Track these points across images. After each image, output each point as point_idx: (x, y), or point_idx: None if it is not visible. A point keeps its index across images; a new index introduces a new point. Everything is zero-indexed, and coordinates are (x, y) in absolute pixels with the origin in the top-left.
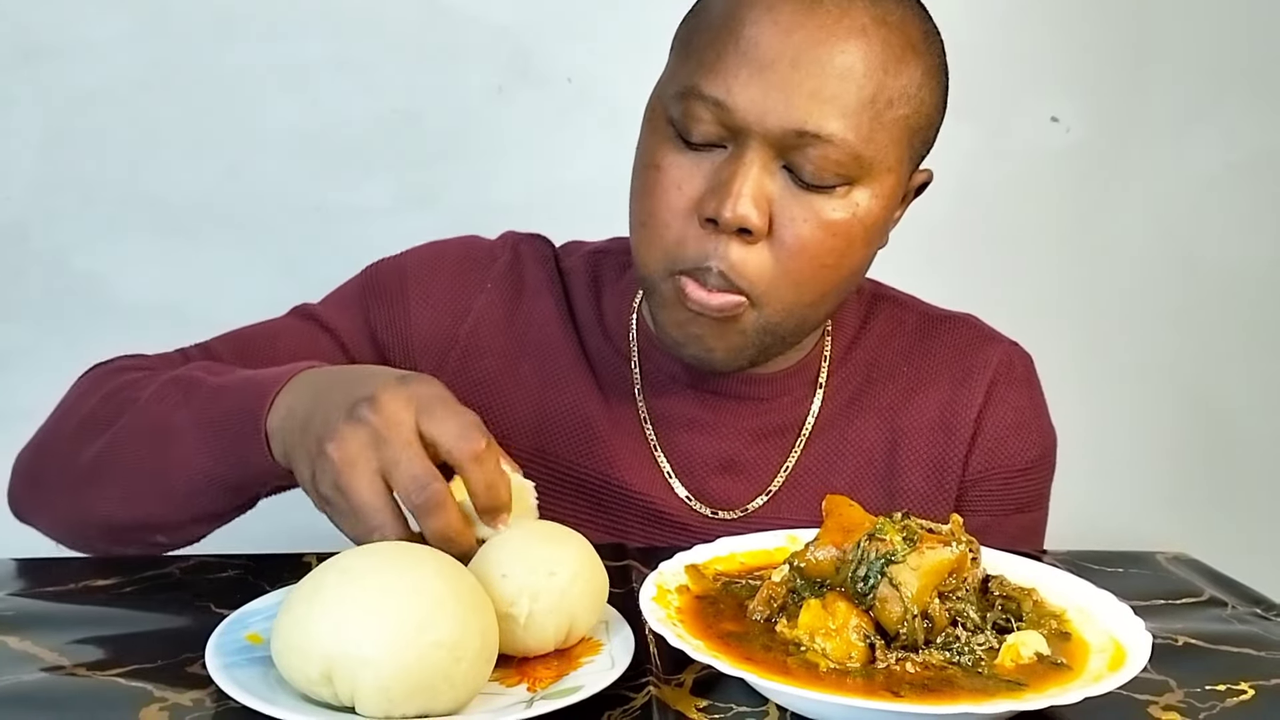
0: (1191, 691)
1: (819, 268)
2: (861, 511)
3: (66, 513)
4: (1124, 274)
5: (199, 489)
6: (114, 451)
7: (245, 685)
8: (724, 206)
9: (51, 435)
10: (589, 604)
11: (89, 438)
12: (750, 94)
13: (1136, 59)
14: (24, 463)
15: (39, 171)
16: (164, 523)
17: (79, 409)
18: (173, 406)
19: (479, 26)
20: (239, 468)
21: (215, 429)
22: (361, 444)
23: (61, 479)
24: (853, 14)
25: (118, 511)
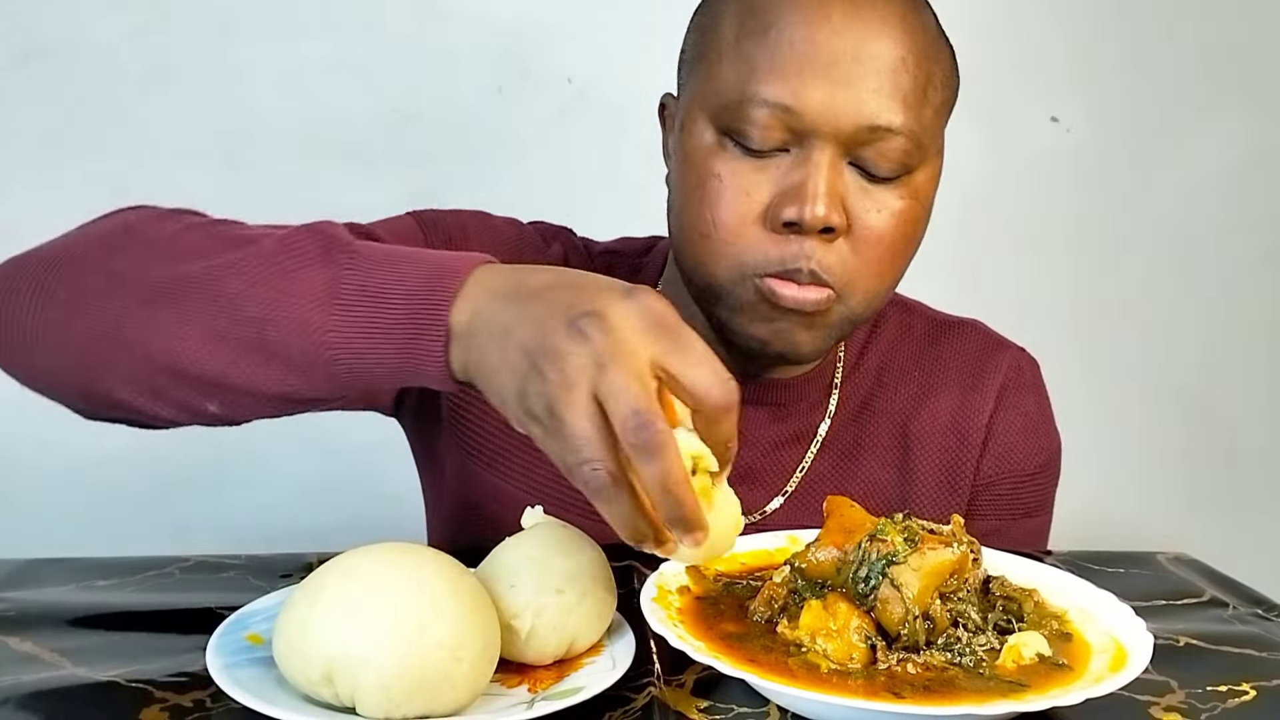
0: (1193, 692)
1: (894, 254)
2: (863, 512)
3: (92, 332)
4: (1124, 274)
5: (310, 364)
6: (212, 285)
7: (246, 685)
8: (805, 210)
9: (95, 246)
10: (593, 624)
11: (166, 260)
12: (818, 95)
13: (1137, 59)
14: (21, 270)
15: (39, 171)
16: (236, 385)
17: (145, 230)
18: (308, 259)
19: (479, 27)
20: (381, 356)
21: (368, 306)
22: (581, 364)
23: (107, 293)
24: (890, 4)
25: (184, 351)
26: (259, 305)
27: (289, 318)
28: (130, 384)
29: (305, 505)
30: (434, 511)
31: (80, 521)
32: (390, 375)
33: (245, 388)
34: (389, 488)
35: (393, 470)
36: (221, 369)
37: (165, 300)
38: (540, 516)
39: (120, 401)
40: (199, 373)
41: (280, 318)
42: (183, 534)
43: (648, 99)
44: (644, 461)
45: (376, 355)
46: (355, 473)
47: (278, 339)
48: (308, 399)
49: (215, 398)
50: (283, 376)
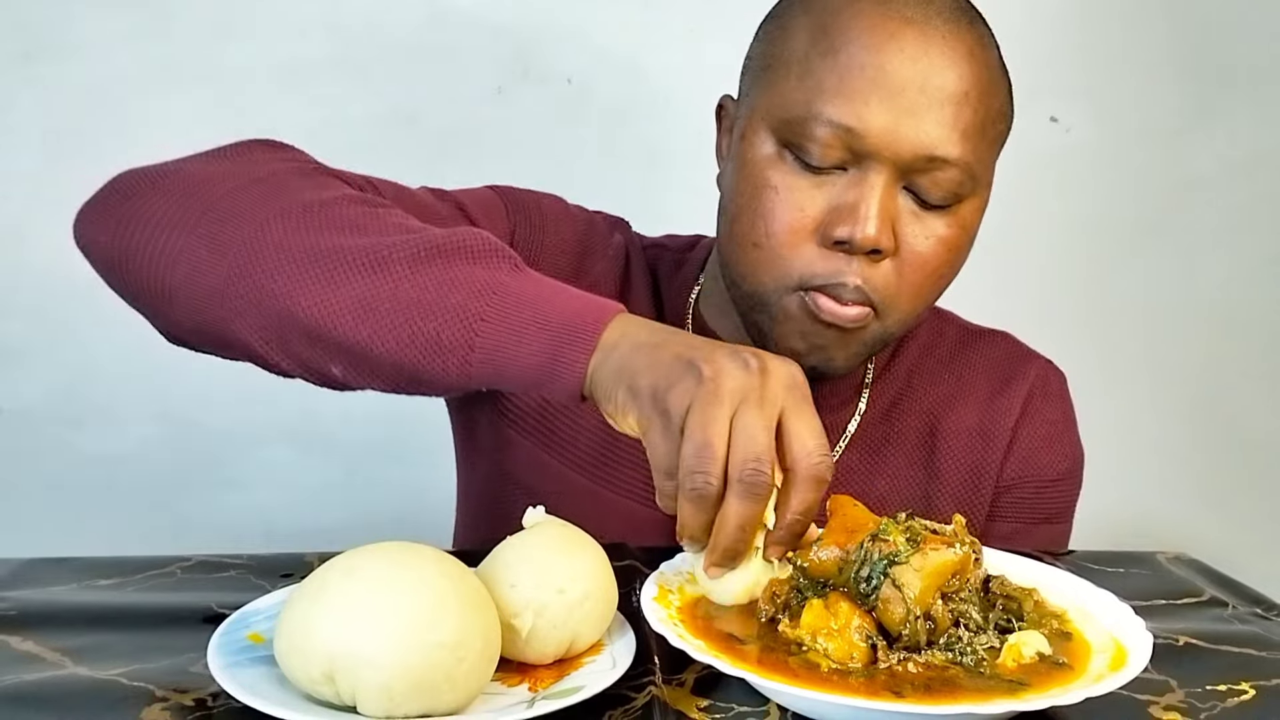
0: (1192, 691)
1: (936, 279)
2: (866, 511)
3: (234, 275)
4: (1124, 273)
5: (453, 348)
6: (376, 260)
7: (247, 685)
8: (857, 230)
9: (245, 191)
10: (594, 624)
11: (323, 228)
12: (882, 120)
13: (1136, 59)
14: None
15: (39, 171)
16: (372, 356)
17: (298, 188)
18: (478, 256)
19: (479, 26)
20: (525, 356)
21: (526, 308)
22: (736, 388)
23: (258, 245)
24: (961, 37)
25: (330, 315)
26: (421, 288)
27: (447, 304)
28: (259, 331)
29: (305, 505)
30: (468, 485)
31: (80, 521)
32: (521, 376)
33: (380, 359)
34: (390, 487)
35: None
36: (364, 339)
37: (319, 263)
38: (541, 516)
39: (242, 343)
40: (339, 338)
41: (440, 303)
42: (183, 534)
43: (648, 99)
44: (740, 499)
45: (521, 354)
46: (355, 473)
47: (431, 323)
48: (429, 382)
49: (344, 363)
50: (421, 357)
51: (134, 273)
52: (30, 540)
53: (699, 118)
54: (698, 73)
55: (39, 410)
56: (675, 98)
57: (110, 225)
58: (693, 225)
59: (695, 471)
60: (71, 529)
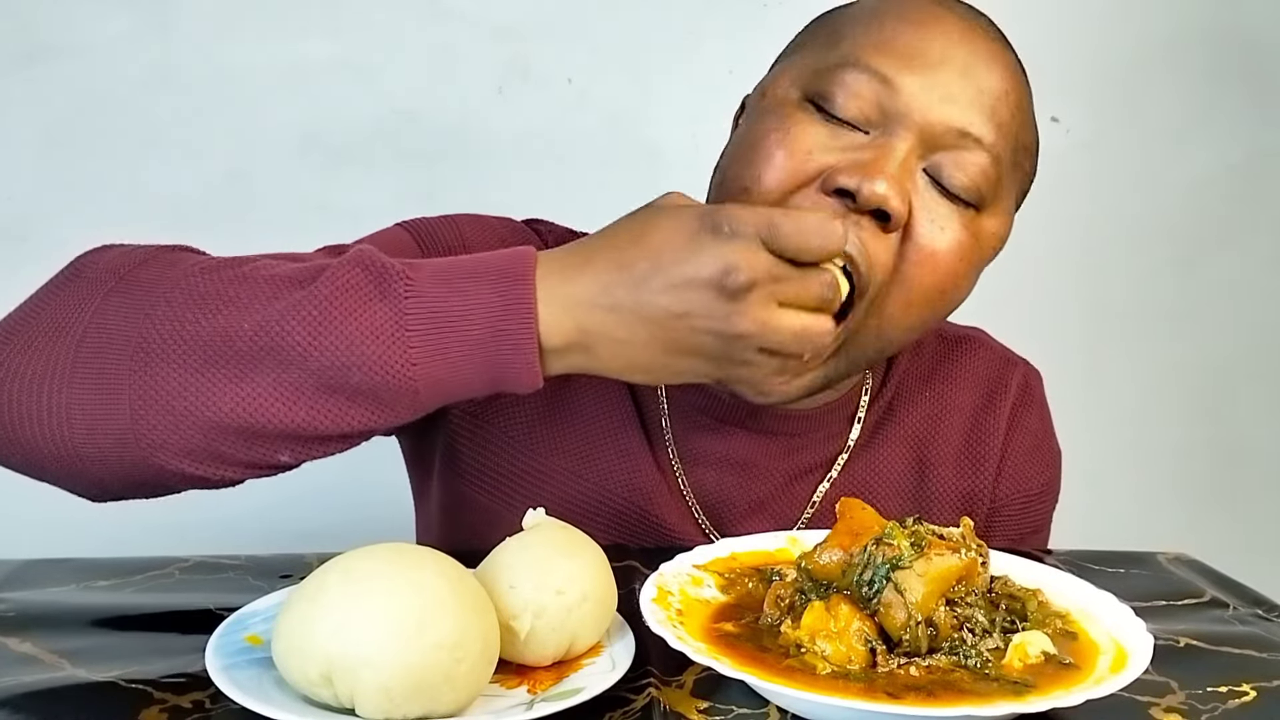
0: (1193, 693)
1: (934, 289)
2: (874, 515)
3: (136, 409)
4: (1124, 273)
5: (397, 398)
6: (273, 340)
7: (245, 686)
8: (866, 182)
9: (105, 312)
10: (593, 625)
11: (200, 317)
12: (918, 84)
13: (1136, 60)
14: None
15: (39, 171)
16: (318, 432)
17: (151, 284)
18: (366, 296)
19: (479, 26)
20: (469, 377)
21: (444, 332)
22: (761, 303)
23: (145, 365)
24: (1006, 55)
25: (257, 410)
26: (332, 353)
27: (370, 359)
28: (188, 454)
29: (305, 505)
30: (424, 530)
31: (80, 521)
32: (480, 389)
33: (329, 432)
34: (389, 489)
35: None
36: (303, 420)
37: (219, 361)
38: (541, 517)
39: (174, 473)
40: (275, 428)
41: (360, 362)
42: (183, 534)
43: (648, 99)
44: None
45: (464, 376)
46: (355, 473)
47: (363, 381)
48: (386, 428)
49: (289, 449)
50: (370, 414)
51: (26, 445)
52: (29, 540)
53: (699, 118)
54: (698, 73)
55: None
56: (675, 98)
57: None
58: None
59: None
60: (70, 529)
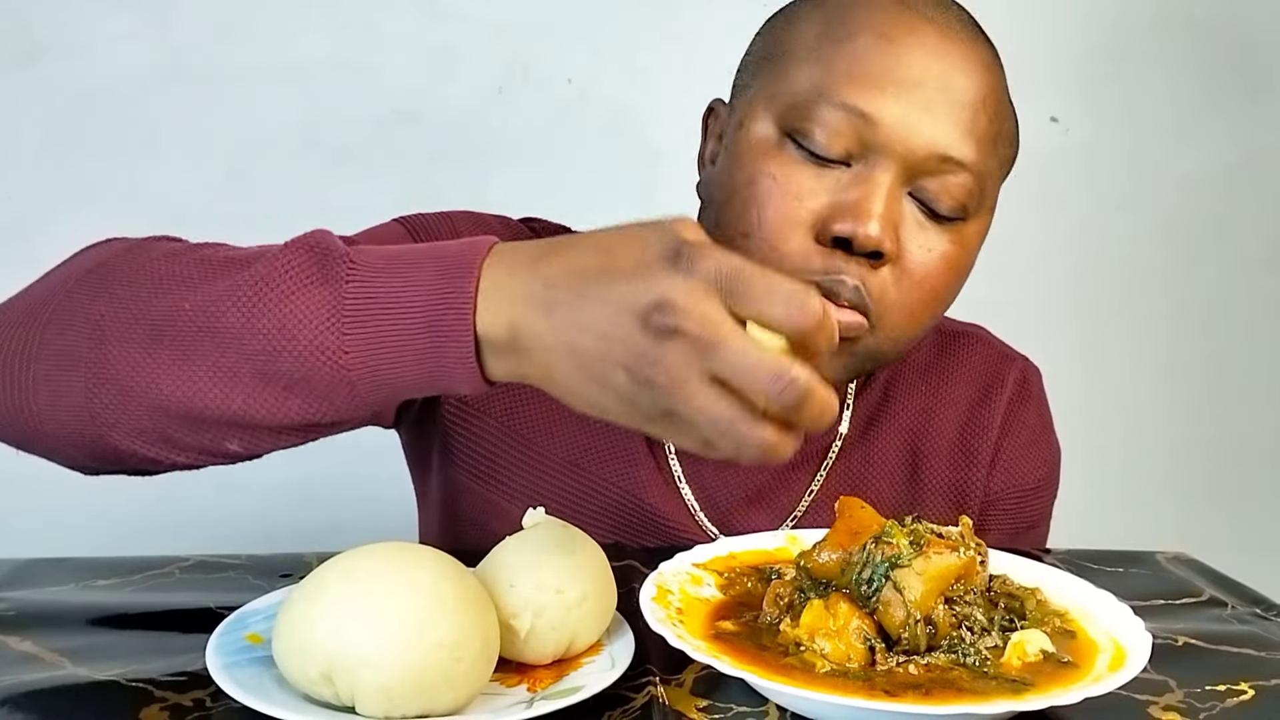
0: (1191, 692)
1: (932, 299)
2: (873, 514)
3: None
4: (1124, 274)
5: (332, 388)
6: (210, 320)
7: (245, 685)
8: (860, 228)
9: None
10: (592, 624)
11: (152, 296)
12: (897, 110)
13: (1136, 59)
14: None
15: (39, 171)
16: (257, 421)
17: (120, 267)
18: (306, 279)
19: (479, 26)
20: (405, 370)
21: (381, 319)
22: (682, 360)
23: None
24: (979, 48)
25: (195, 393)
26: (265, 337)
27: (301, 345)
28: (139, 435)
29: (305, 505)
30: (425, 525)
31: (80, 521)
32: (418, 385)
33: (267, 422)
34: (389, 488)
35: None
36: (239, 407)
37: (163, 341)
38: (541, 516)
39: (129, 453)
40: (215, 414)
41: (292, 346)
42: (183, 534)
43: (648, 99)
44: (799, 413)
45: (399, 369)
46: (355, 473)
47: (294, 368)
48: (332, 423)
49: (235, 437)
50: (305, 405)
51: (5, 416)
52: (30, 540)
53: (698, 118)
54: (697, 73)
55: None
56: (675, 98)
57: None
58: None
59: (739, 451)
60: (71, 529)
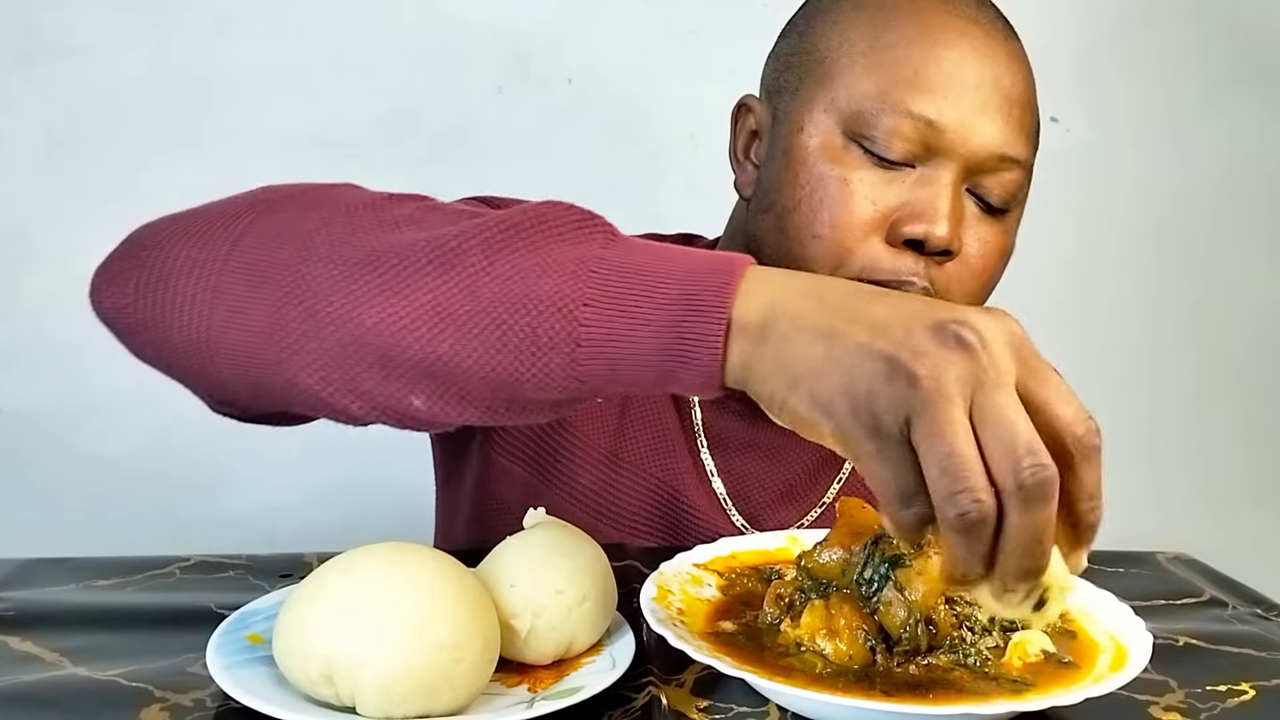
0: (1192, 692)
1: (987, 288)
2: (874, 514)
3: (280, 308)
4: (1124, 274)
5: (555, 345)
6: (444, 257)
7: (246, 685)
8: (933, 229)
9: (276, 209)
10: (593, 625)
11: (374, 226)
12: (959, 115)
13: (1136, 59)
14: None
15: (39, 171)
16: (457, 372)
17: (337, 196)
18: (562, 231)
19: (479, 26)
20: (642, 343)
21: (634, 284)
22: (961, 375)
23: (302, 261)
24: (1016, 46)
25: (401, 329)
26: (501, 280)
27: (539, 292)
28: (320, 369)
29: (305, 505)
30: (451, 508)
31: (80, 521)
32: (641, 368)
33: (469, 375)
34: (390, 487)
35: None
36: (445, 350)
37: (378, 269)
38: (541, 516)
39: (299, 390)
40: (415, 355)
41: (527, 292)
42: (183, 534)
43: (648, 99)
44: (1027, 507)
45: (636, 341)
46: (355, 473)
47: (522, 317)
48: (531, 394)
49: (426, 390)
50: (516, 361)
51: (165, 330)
52: (30, 540)
53: (699, 118)
54: (698, 73)
55: (39, 410)
56: (675, 98)
57: (130, 282)
58: (691, 225)
59: (955, 493)
60: (71, 529)
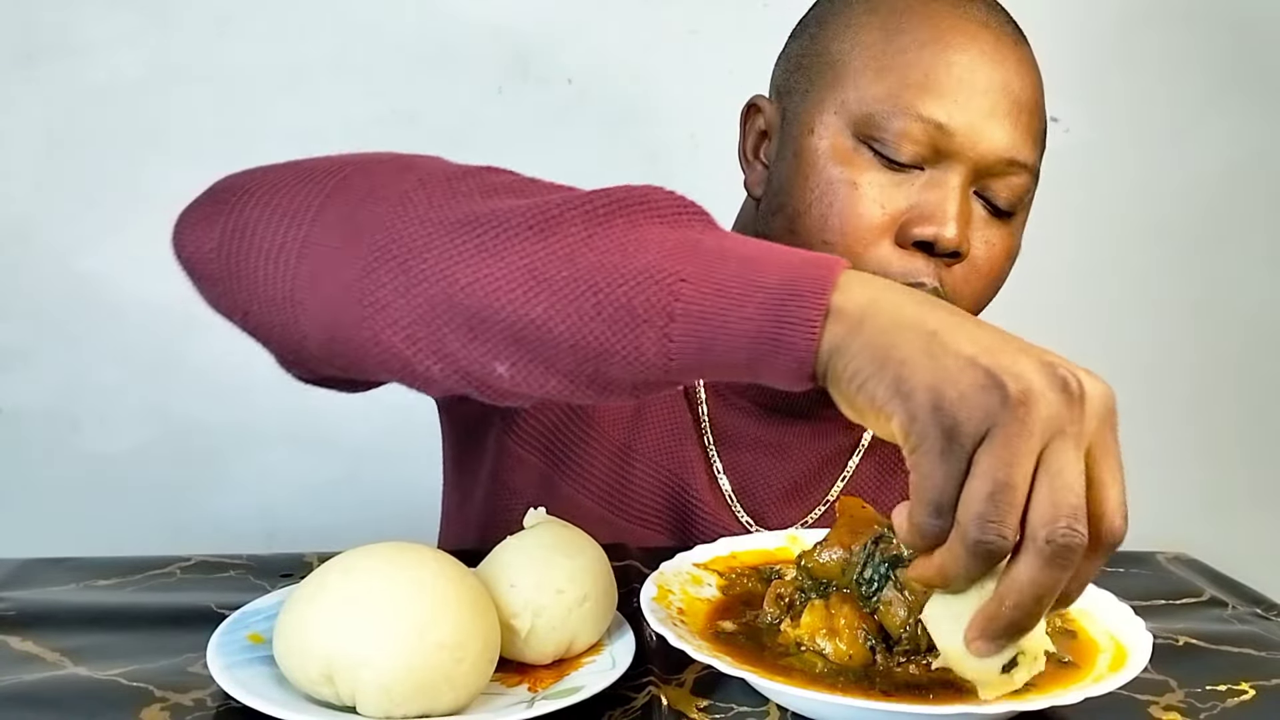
0: (1192, 691)
1: (994, 289)
2: (874, 514)
3: (371, 260)
4: (1124, 274)
5: (649, 318)
6: (544, 223)
7: (247, 685)
8: (942, 231)
9: (371, 165)
10: (593, 625)
11: (474, 192)
12: (970, 118)
13: (1136, 59)
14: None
15: (39, 171)
16: (547, 339)
17: (431, 161)
18: (662, 212)
19: (479, 26)
20: (738, 323)
21: (733, 265)
22: (1052, 416)
23: (399, 215)
24: (1025, 50)
25: (495, 290)
26: (601, 252)
27: (638, 265)
28: (407, 326)
29: (305, 505)
30: (461, 497)
31: (80, 521)
32: (733, 349)
33: (559, 342)
34: (390, 487)
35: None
36: (538, 315)
37: (476, 231)
38: (542, 516)
39: (384, 348)
40: (507, 318)
41: (627, 266)
42: (183, 534)
43: (648, 99)
44: (1044, 565)
45: (731, 322)
46: (355, 473)
47: (619, 288)
48: (618, 370)
49: (513, 355)
50: (609, 333)
51: (248, 279)
52: (30, 540)
53: (699, 118)
54: (698, 73)
55: (39, 410)
56: (675, 98)
57: (216, 228)
58: None
59: (989, 521)
60: (71, 529)
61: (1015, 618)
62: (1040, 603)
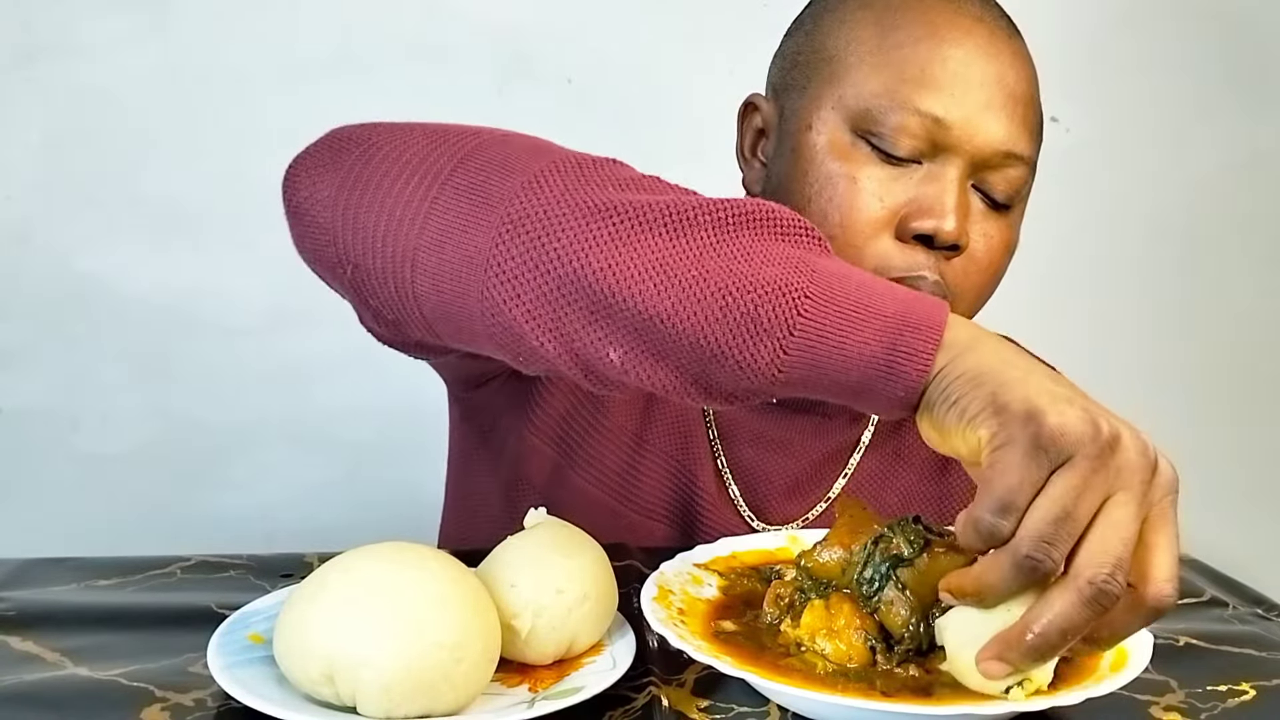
0: (1193, 692)
1: (993, 282)
2: (873, 514)
3: (503, 230)
4: (1124, 274)
5: (771, 329)
6: (674, 221)
7: (247, 685)
8: (942, 224)
9: (500, 139)
10: (593, 625)
11: (603, 183)
12: (966, 112)
13: (1136, 59)
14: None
15: (39, 171)
16: (668, 332)
17: (557, 147)
18: (785, 231)
19: (479, 26)
20: (856, 344)
21: (854, 291)
22: (1128, 470)
23: (533, 190)
24: (1019, 44)
25: (625, 276)
26: (729, 259)
27: (764, 278)
28: (533, 303)
29: (305, 505)
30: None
31: (80, 521)
32: (844, 371)
33: (679, 336)
34: (391, 487)
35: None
36: (664, 309)
37: (613, 220)
38: (542, 516)
39: (500, 321)
40: (633, 306)
41: (755, 276)
42: (183, 534)
43: (648, 99)
44: (1079, 602)
45: (849, 342)
46: (355, 473)
47: (748, 295)
48: (728, 374)
49: (629, 342)
50: (730, 337)
51: (363, 231)
52: (30, 540)
53: (699, 118)
54: (698, 73)
55: (39, 410)
56: (675, 98)
57: (336, 175)
58: None
59: (1045, 542)
60: (72, 529)
61: (1035, 645)
62: (1063, 638)
